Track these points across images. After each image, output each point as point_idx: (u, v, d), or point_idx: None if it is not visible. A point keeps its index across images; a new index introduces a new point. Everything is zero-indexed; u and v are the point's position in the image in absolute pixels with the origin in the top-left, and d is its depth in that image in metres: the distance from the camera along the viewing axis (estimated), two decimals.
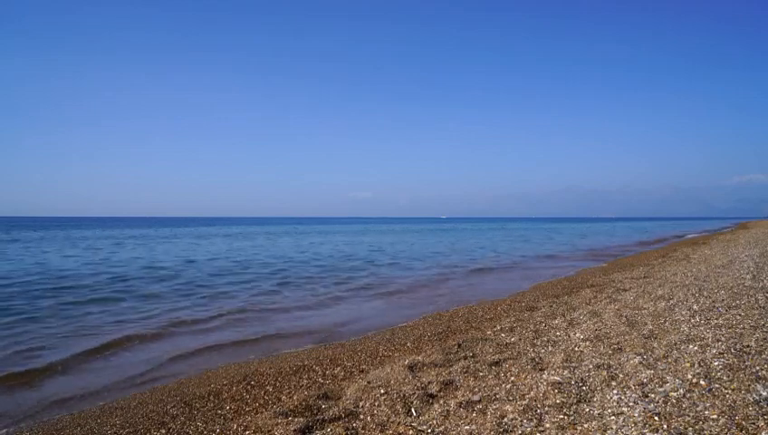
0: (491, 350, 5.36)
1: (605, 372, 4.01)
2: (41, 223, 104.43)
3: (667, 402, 3.26)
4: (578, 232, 54.07)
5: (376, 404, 3.92)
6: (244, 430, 3.76)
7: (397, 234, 49.10)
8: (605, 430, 2.99)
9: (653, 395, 3.41)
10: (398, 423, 3.53)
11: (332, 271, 16.75)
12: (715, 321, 5.41)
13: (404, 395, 4.01)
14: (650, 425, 2.95)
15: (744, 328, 4.95)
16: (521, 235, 45.96)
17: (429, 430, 3.36)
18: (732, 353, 4.12)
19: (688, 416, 3.03)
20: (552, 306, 7.99)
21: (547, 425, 3.16)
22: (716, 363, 3.91)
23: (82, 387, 5.55)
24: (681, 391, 3.43)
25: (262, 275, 15.38)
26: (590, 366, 4.24)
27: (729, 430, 2.81)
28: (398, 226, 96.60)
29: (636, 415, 3.12)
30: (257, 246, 29.98)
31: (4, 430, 4.35)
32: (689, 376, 3.69)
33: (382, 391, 4.15)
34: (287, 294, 11.82)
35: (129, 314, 9.38)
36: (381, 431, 3.45)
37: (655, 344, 4.70)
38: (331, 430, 3.53)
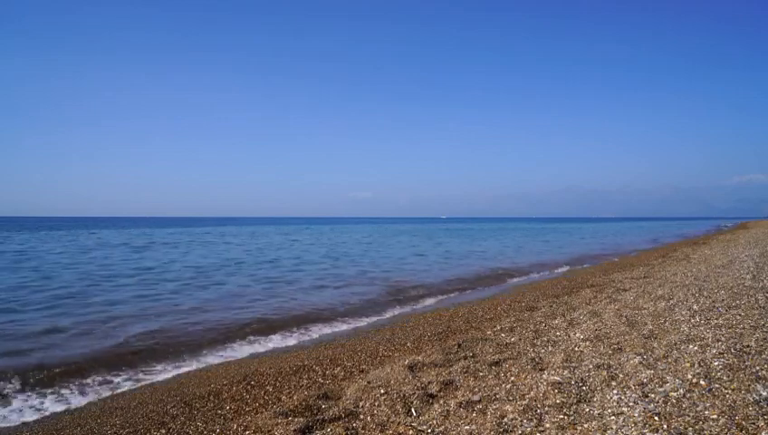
0: (491, 350, 5.36)
1: (605, 372, 4.01)
2: (42, 223, 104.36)
3: (667, 402, 3.26)
4: (589, 232, 53.55)
5: (376, 404, 3.92)
6: (244, 430, 3.76)
7: (421, 235, 47.82)
8: (605, 430, 2.99)
9: (653, 395, 3.41)
10: (398, 423, 3.54)
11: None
12: (715, 321, 5.41)
13: (404, 395, 4.01)
14: (650, 425, 2.95)
15: (744, 328, 4.95)
16: (543, 236, 44.60)
17: (429, 430, 3.36)
18: (732, 353, 4.12)
19: (688, 416, 3.03)
20: (552, 306, 7.99)
21: (547, 425, 3.16)
22: (716, 363, 3.91)
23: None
24: (681, 391, 3.42)
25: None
26: (590, 366, 4.24)
27: (729, 430, 2.81)
28: (404, 226, 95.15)
29: (636, 415, 3.12)
30: (353, 246, 30.38)
31: (5, 431, 4.35)
32: (689, 376, 3.69)
33: (382, 391, 4.15)
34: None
35: None
36: (381, 431, 3.45)
37: (655, 344, 4.70)
38: (331, 430, 3.53)
